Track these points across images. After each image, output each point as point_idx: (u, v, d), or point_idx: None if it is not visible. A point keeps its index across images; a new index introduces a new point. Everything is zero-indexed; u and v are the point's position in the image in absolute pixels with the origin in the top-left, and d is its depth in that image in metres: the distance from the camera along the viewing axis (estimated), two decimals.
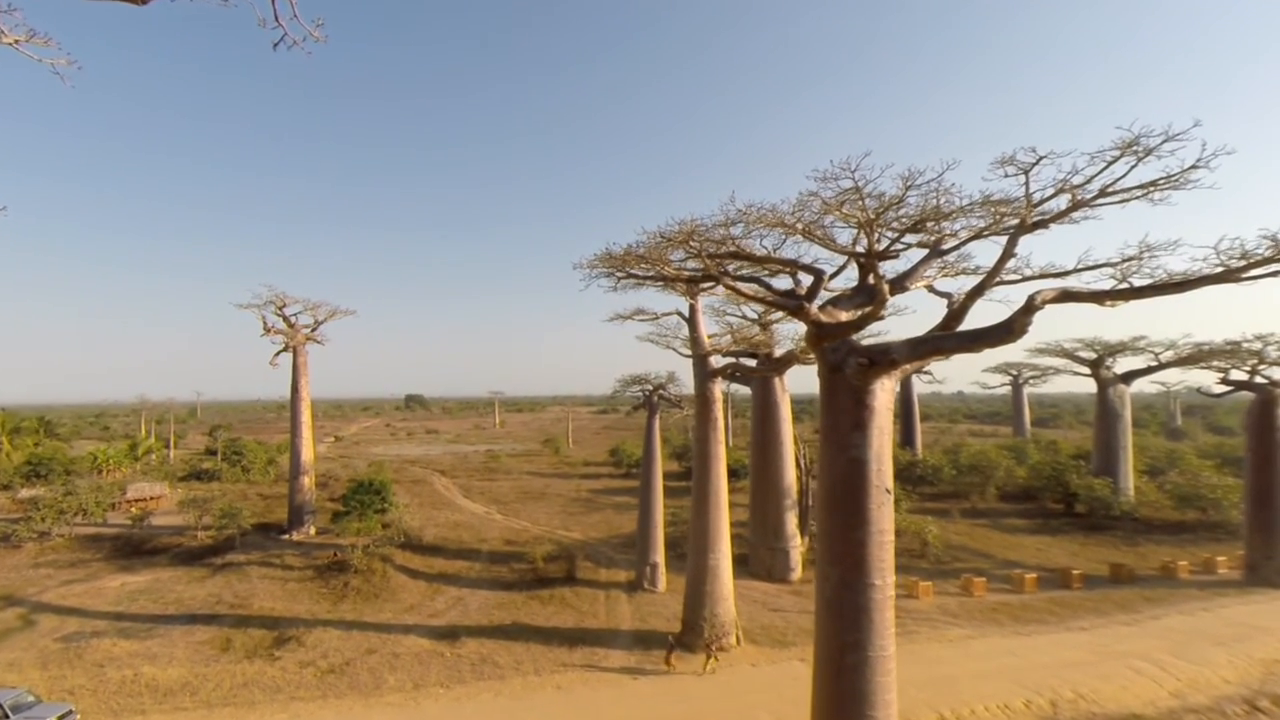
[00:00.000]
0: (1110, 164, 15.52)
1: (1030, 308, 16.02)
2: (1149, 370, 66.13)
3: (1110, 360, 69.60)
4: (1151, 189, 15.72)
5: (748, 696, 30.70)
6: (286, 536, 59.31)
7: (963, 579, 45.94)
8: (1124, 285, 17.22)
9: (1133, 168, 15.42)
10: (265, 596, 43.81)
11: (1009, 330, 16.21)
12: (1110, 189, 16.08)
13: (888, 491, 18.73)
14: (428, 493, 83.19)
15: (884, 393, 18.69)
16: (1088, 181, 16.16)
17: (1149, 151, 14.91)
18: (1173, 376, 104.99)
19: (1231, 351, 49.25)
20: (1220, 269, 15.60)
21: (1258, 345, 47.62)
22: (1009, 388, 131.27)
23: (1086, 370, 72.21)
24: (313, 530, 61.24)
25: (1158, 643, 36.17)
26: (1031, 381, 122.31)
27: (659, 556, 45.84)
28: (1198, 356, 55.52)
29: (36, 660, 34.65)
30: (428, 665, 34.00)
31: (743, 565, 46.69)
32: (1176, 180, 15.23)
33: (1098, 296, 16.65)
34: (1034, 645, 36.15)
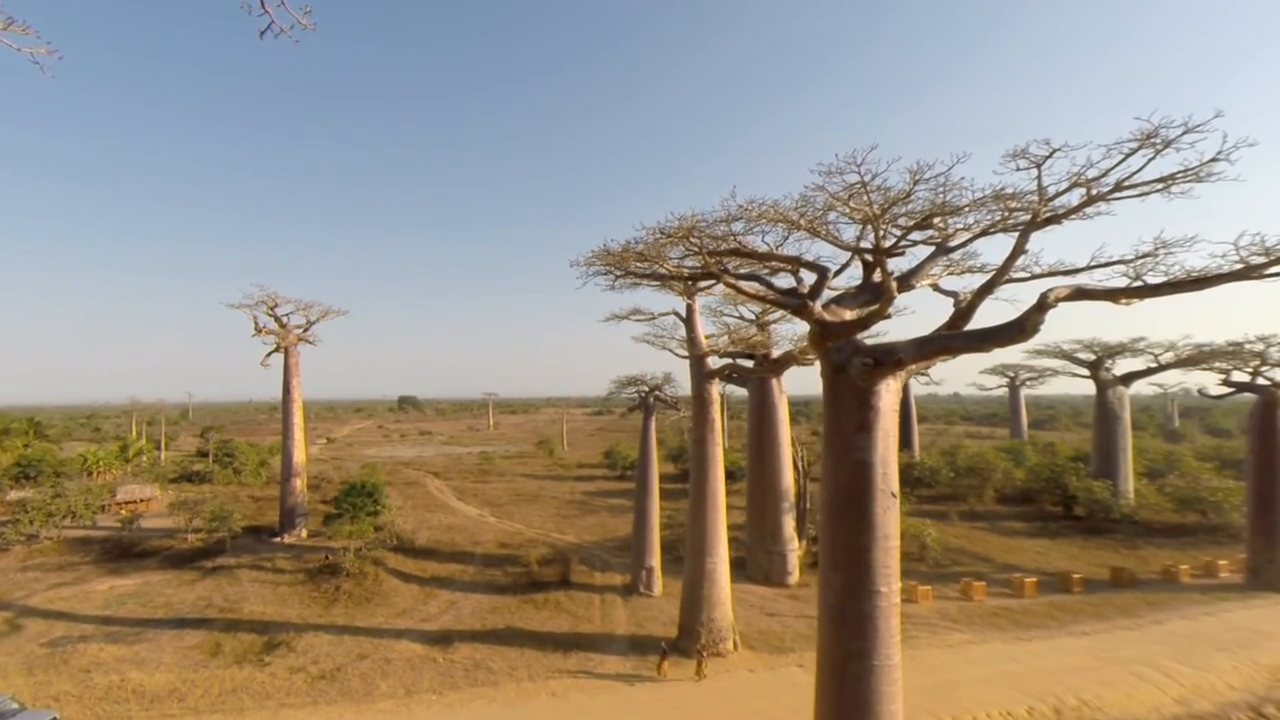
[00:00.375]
0: (1127, 156, 14.98)
1: (1043, 305, 15.50)
2: (1149, 372, 65.81)
3: (1109, 362, 69.26)
4: (1170, 182, 15.18)
5: (746, 704, 30.14)
6: (278, 539, 58.59)
7: (962, 583, 45.47)
8: (1139, 283, 16.70)
9: (1150, 160, 14.90)
10: (255, 600, 43.14)
11: (1021, 329, 15.69)
12: (1126, 183, 15.55)
13: (893, 495, 18.21)
14: (421, 495, 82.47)
15: (889, 394, 18.16)
16: (1103, 175, 15.64)
17: (1168, 144, 14.38)
18: (1171, 378, 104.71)
19: (1233, 353, 48.86)
20: (1240, 266, 15.09)
21: (1260, 347, 47.24)
22: (1005, 389, 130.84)
23: (1085, 372, 71.88)
24: (304, 533, 60.49)
25: (1161, 648, 35.72)
26: (1028, 383, 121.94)
27: (655, 560, 45.30)
28: (1198, 358, 55.20)
29: (22, 666, 33.97)
30: (420, 671, 33.36)
31: (739, 569, 46.08)
32: (1196, 173, 14.70)
33: (1113, 294, 16.12)
34: (1035, 651, 35.69)
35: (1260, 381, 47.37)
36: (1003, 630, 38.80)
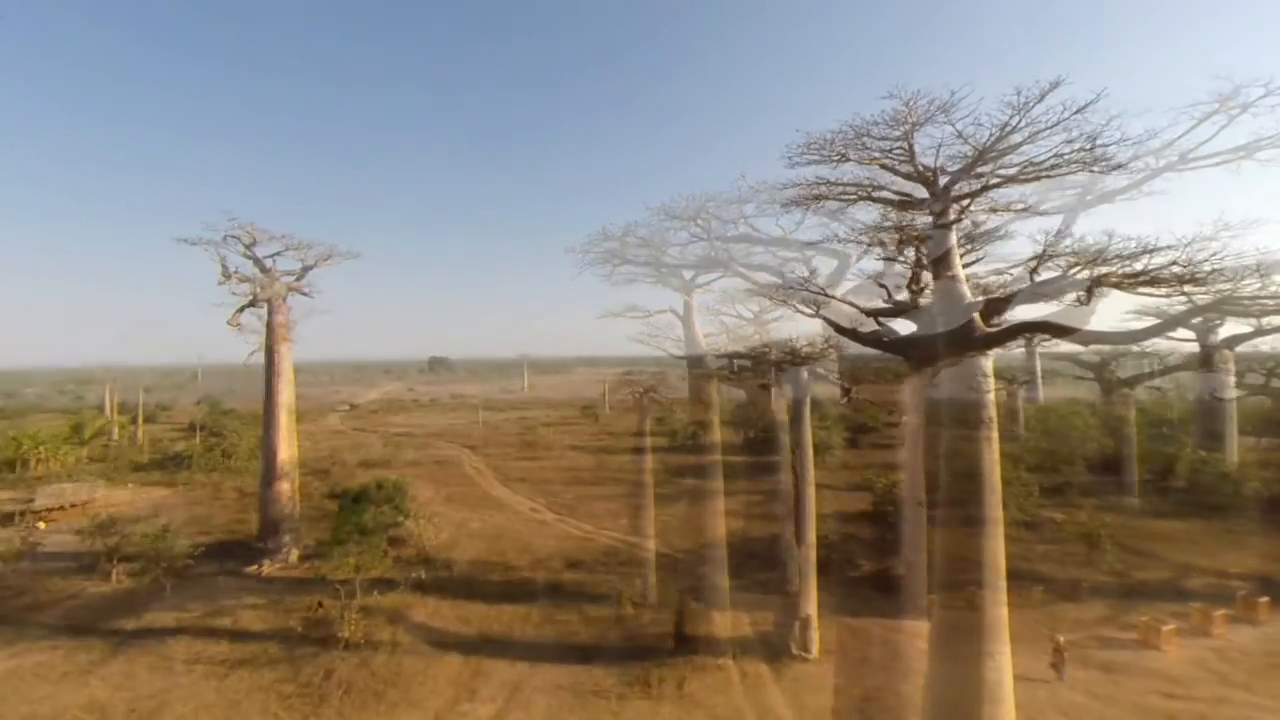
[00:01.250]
0: (1199, 122, 13.28)
1: (1094, 293, 13.93)
2: (1152, 375, 64.04)
3: (1114, 364, 67.09)
4: (1246, 153, 13.39)
5: None
6: (255, 569, 39.67)
7: (1194, 609, 29.00)
8: (1196, 269, 15.01)
9: (1223, 128, 13.27)
10: (188, 700, 24.93)
11: (1069, 320, 14.16)
12: (1192, 154, 13.84)
13: (919, 504, 16.57)
14: (457, 479, 66.77)
15: (916, 393, 16.57)
16: (1168, 145, 13.93)
17: (1245, 108, 12.77)
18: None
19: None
20: None
21: None
22: (1002, 394, 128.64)
23: (1089, 375, 69.82)
24: (295, 555, 41.93)
25: None
26: (1025, 387, 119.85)
27: (811, 606, 28.27)
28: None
29: None
30: None
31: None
32: (1274, 141, 12.96)
33: (1169, 281, 14.50)
34: None
35: None
36: None
